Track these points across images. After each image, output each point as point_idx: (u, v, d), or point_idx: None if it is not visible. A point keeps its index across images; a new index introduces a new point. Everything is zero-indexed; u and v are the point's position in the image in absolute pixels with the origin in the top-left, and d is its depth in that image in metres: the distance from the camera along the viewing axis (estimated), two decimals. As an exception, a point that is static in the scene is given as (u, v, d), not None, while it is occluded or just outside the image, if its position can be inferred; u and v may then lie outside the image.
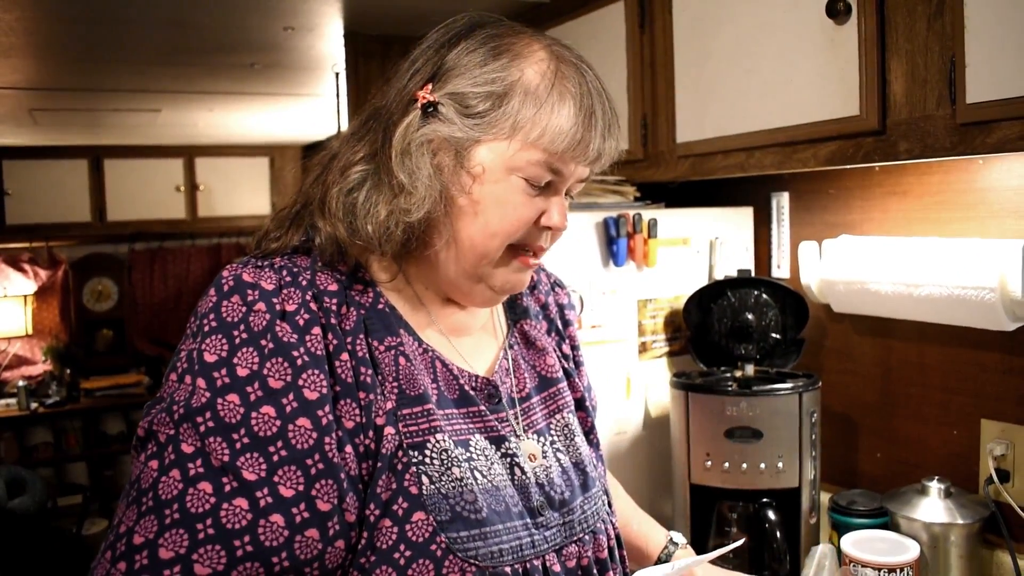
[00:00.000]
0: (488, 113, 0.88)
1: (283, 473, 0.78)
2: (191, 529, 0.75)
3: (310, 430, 0.80)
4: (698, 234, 1.88)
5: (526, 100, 0.88)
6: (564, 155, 0.89)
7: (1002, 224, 1.51)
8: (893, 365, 1.74)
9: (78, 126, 4.42)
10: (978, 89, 1.19)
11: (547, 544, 0.91)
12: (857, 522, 1.55)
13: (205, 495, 0.76)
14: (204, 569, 0.74)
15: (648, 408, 1.85)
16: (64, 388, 5.11)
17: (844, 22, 1.36)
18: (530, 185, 0.90)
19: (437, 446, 0.86)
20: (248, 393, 0.80)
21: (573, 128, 0.88)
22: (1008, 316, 1.42)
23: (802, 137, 1.48)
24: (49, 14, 2.27)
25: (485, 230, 0.90)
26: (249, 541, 0.76)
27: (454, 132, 0.88)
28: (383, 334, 0.90)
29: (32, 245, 5.32)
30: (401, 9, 2.25)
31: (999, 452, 1.50)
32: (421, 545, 0.82)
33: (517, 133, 0.88)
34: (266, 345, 0.82)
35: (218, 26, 2.45)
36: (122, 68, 3.04)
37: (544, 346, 1.07)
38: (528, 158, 0.88)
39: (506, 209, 0.90)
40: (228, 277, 0.86)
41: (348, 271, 0.92)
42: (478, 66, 0.89)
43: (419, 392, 0.88)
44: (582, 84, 0.89)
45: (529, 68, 0.89)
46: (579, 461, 1.01)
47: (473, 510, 0.85)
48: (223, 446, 0.78)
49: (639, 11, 1.84)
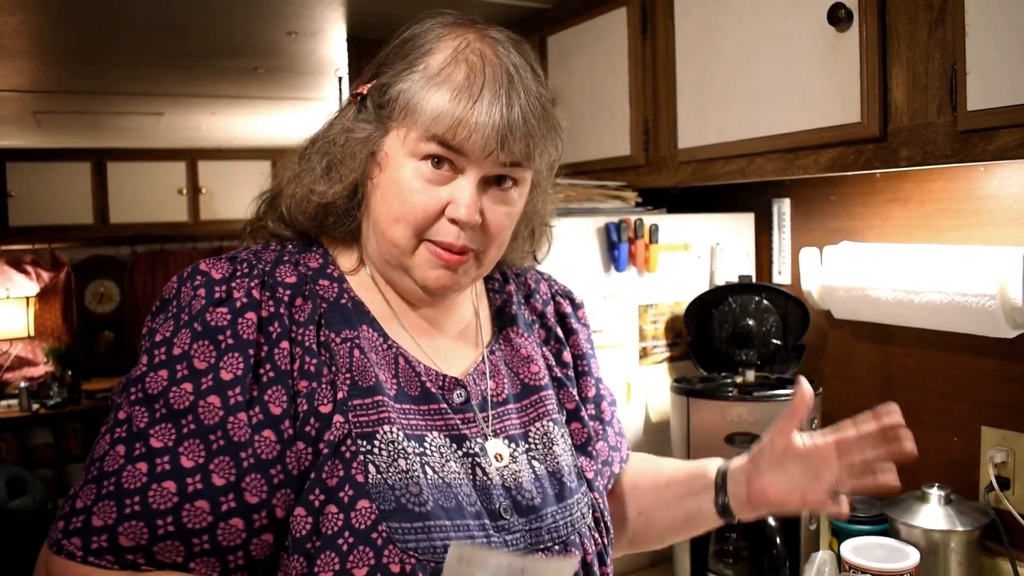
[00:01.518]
0: (390, 102, 0.92)
1: (188, 445, 0.83)
2: (99, 485, 0.82)
3: (218, 408, 0.84)
4: (699, 240, 1.89)
5: (416, 83, 0.90)
6: (444, 138, 0.88)
7: (1003, 231, 1.52)
8: (893, 371, 1.74)
9: (81, 129, 4.43)
10: (979, 96, 1.19)
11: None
12: (857, 529, 1.55)
13: (118, 456, 0.83)
14: (98, 521, 0.80)
15: (649, 413, 1.85)
16: (65, 389, 5.12)
17: (845, 29, 1.37)
18: (431, 170, 0.91)
19: (386, 437, 0.88)
20: (176, 370, 0.85)
21: (449, 110, 0.87)
22: (1008, 323, 1.42)
23: (803, 143, 1.48)
24: (53, 17, 2.27)
25: (388, 215, 0.93)
26: (139, 502, 0.81)
27: (371, 126, 0.94)
28: (340, 327, 0.93)
29: (35, 247, 5.33)
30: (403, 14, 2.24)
31: (999, 459, 1.50)
32: (363, 532, 0.83)
33: (405, 116, 0.91)
34: (197, 328, 0.87)
35: (221, 30, 2.46)
36: (125, 71, 3.05)
37: (529, 354, 1.06)
38: (418, 140, 0.90)
39: (404, 194, 0.91)
40: (189, 267, 0.92)
41: (317, 267, 0.97)
42: (402, 59, 0.93)
43: (370, 384, 0.90)
44: (478, 71, 0.89)
45: (435, 56, 0.91)
46: (556, 470, 1.00)
47: (418, 503, 0.86)
48: (143, 414, 0.84)
49: (641, 17, 1.85)
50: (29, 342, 5.35)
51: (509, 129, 0.89)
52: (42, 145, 4.99)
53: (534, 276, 1.18)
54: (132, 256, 5.64)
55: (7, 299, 5.25)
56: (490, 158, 0.90)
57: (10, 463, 4.69)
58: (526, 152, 0.91)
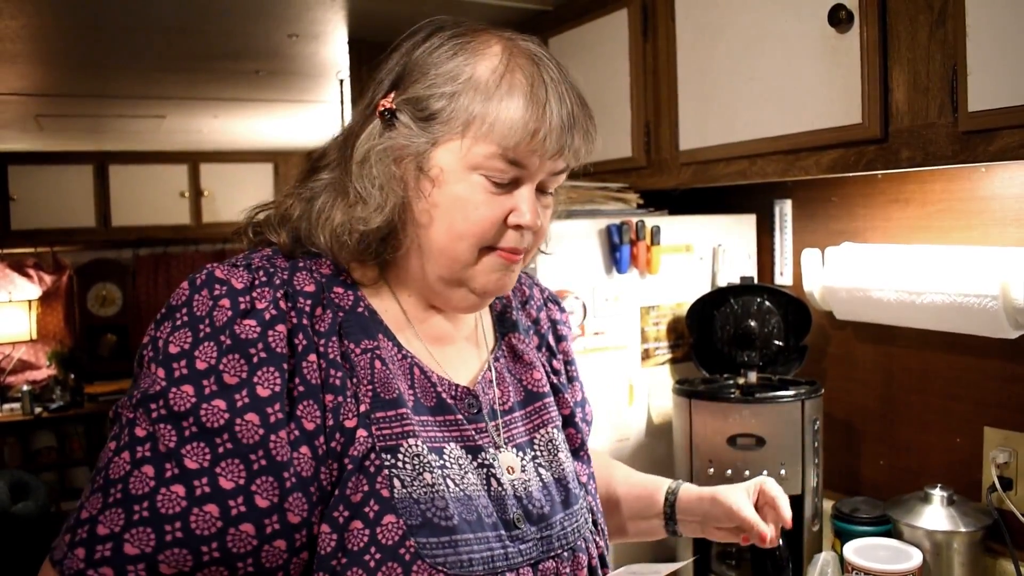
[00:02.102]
0: (440, 113, 0.88)
1: (226, 465, 0.79)
2: (128, 509, 0.77)
3: (257, 426, 0.80)
4: (701, 241, 1.89)
5: (475, 95, 0.87)
6: (519, 148, 0.87)
7: (1004, 232, 1.52)
8: (896, 372, 1.74)
9: (83, 132, 4.44)
10: (980, 97, 1.19)
11: (522, 557, 0.90)
12: (860, 529, 1.55)
13: (146, 478, 0.78)
14: (133, 549, 0.75)
15: (651, 415, 1.85)
16: (68, 393, 5.13)
17: (846, 31, 1.37)
18: (492, 182, 0.89)
19: (410, 450, 0.86)
20: (204, 386, 0.81)
21: (524, 119, 0.86)
22: (1010, 324, 1.42)
23: (804, 145, 1.48)
24: (55, 21, 2.28)
25: (451, 232, 0.90)
26: (180, 527, 0.76)
27: (411, 137, 0.89)
28: (359, 337, 0.90)
29: (37, 250, 5.34)
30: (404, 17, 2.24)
31: (1002, 460, 1.50)
32: (391, 548, 0.82)
33: (469, 129, 0.87)
34: (224, 341, 0.82)
35: (223, 33, 2.46)
36: (127, 74, 3.06)
37: (531, 360, 1.06)
38: (484, 153, 0.87)
39: (468, 209, 0.89)
40: (202, 273, 0.87)
41: (330, 273, 0.93)
42: (434, 67, 0.89)
43: (393, 396, 0.88)
44: (535, 75, 0.88)
45: (481, 64, 0.88)
46: (562, 477, 1.00)
47: (444, 517, 0.85)
48: (171, 433, 0.79)
49: (642, 19, 1.85)
50: (31, 345, 5.36)
51: (571, 132, 0.89)
52: (44, 148, 4.99)
53: (527, 281, 1.17)
54: (134, 259, 5.65)
55: (9, 302, 5.26)
56: (550, 162, 0.90)
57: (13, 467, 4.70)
58: (584, 151, 0.92)
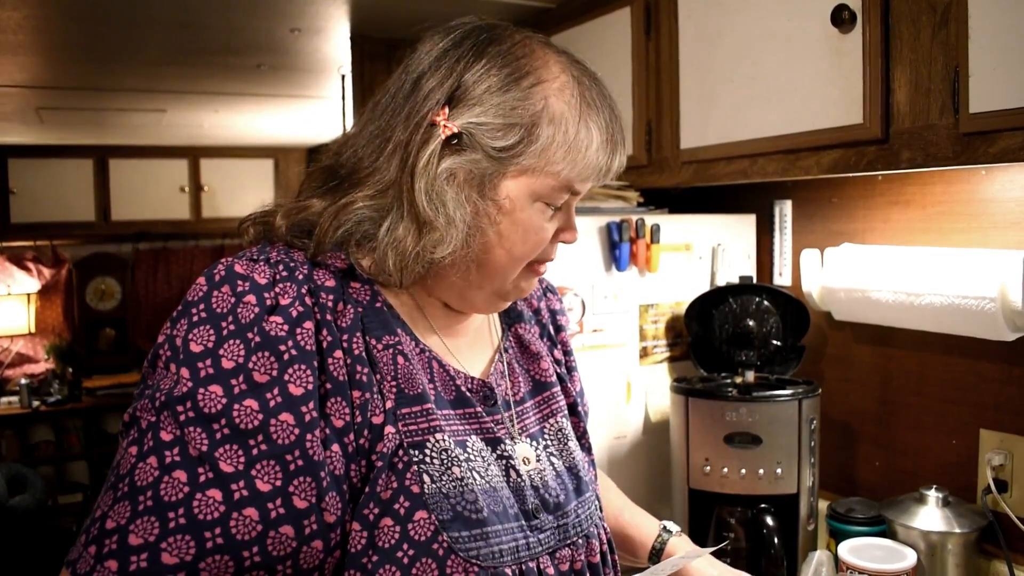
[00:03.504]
0: (516, 146, 0.87)
1: (261, 467, 0.77)
2: (162, 517, 0.74)
3: (292, 426, 0.79)
4: (700, 240, 1.89)
5: (555, 133, 0.87)
6: (584, 182, 0.92)
7: (1004, 234, 1.52)
8: (893, 373, 1.74)
9: (84, 125, 4.44)
10: (981, 99, 1.19)
11: (541, 547, 0.92)
12: (855, 529, 1.55)
13: (179, 484, 0.75)
14: (171, 558, 0.73)
15: (648, 413, 1.85)
16: (66, 387, 5.12)
17: (849, 31, 1.37)
18: (550, 207, 0.92)
19: (437, 445, 0.86)
20: (232, 386, 0.78)
21: (599, 158, 0.90)
22: (1008, 326, 1.43)
23: (805, 145, 1.48)
24: (57, 13, 2.28)
25: (510, 255, 0.91)
26: (220, 533, 0.75)
27: (480, 165, 0.87)
28: (381, 332, 0.89)
29: (36, 244, 5.33)
30: (407, 12, 2.26)
31: (997, 462, 1.51)
32: (423, 544, 0.82)
33: (547, 165, 0.88)
34: (252, 338, 0.80)
35: (225, 27, 2.46)
36: (128, 68, 3.06)
37: (538, 350, 1.07)
38: (552, 185, 0.89)
39: (530, 236, 0.91)
40: (220, 268, 0.84)
41: (346, 268, 0.91)
42: (499, 92, 0.87)
43: (418, 391, 0.87)
44: (603, 109, 0.91)
45: (552, 96, 0.88)
46: (573, 465, 1.01)
47: (474, 510, 0.85)
48: (202, 436, 0.77)
49: (645, 18, 1.85)
50: (30, 339, 5.36)
51: (621, 156, 0.94)
52: (44, 142, 5.00)
53: None
54: (134, 253, 5.64)
55: (8, 296, 5.25)
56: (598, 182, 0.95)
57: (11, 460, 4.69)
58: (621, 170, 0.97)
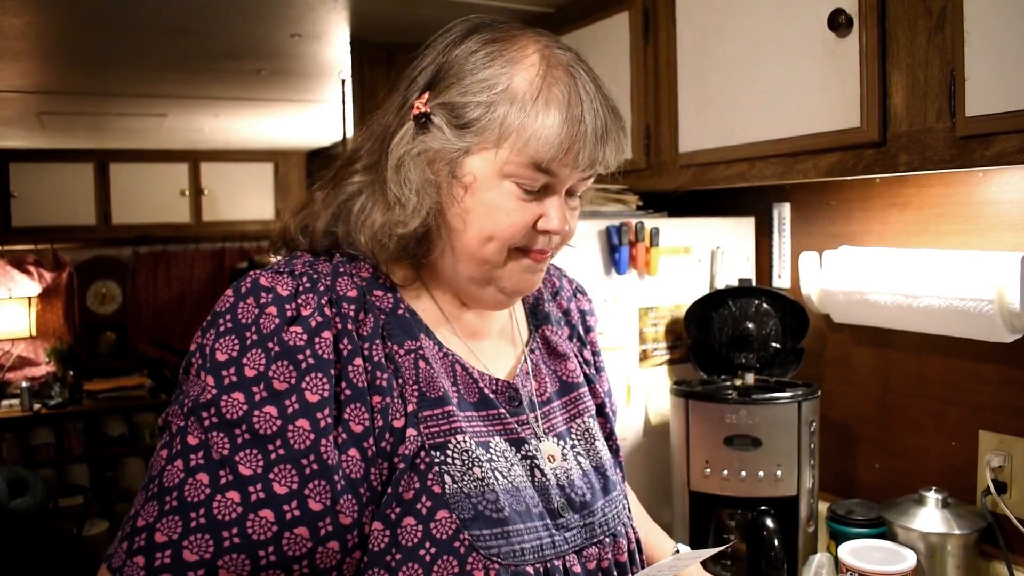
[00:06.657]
0: (476, 122, 0.89)
1: (279, 471, 0.81)
2: (185, 517, 0.78)
3: (308, 431, 0.82)
4: (700, 243, 1.90)
5: (512, 107, 0.88)
6: (552, 162, 0.89)
7: (1001, 236, 1.52)
8: (892, 375, 1.74)
9: (84, 130, 4.44)
10: (978, 102, 1.20)
11: (567, 545, 0.93)
12: (855, 531, 1.55)
13: (202, 485, 0.80)
14: (192, 556, 0.77)
15: (648, 415, 1.86)
16: (67, 390, 5.12)
17: (846, 35, 1.38)
18: (523, 190, 0.91)
19: (458, 446, 0.88)
20: (254, 393, 0.82)
21: (559, 136, 0.88)
22: (1006, 328, 1.43)
23: (803, 148, 1.49)
24: (58, 19, 2.29)
25: (480, 236, 0.91)
26: (237, 533, 0.78)
27: (445, 144, 0.90)
28: (402, 338, 0.92)
29: (37, 247, 5.33)
30: (406, 17, 2.26)
31: (996, 464, 1.51)
32: (445, 542, 0.84)
33: (504, 141, 0.88)
34: (273, 348, 0.84)
35: (225, 33, 2.47)
36: (129, 73, 3.06)
37: (565, 351, 1.08)
38: (517, 163, 0.89)
39: (499, 215, 0.90)
40: (247, 280, 0.89)
41: (369, 276, 0.95)
42: (470, 74, 0.90)
43: (439, 394, 0.90)
44: (571, 89, 0.89)
45: (518, 75, 0.89)
46: (600, 465, 1.03)
47: (495, 509, 0.87)
48: (224, 440, 0.81)
49: (643, 22, 1.86)
50: (31, 342, 5.36)
51: (602, 146, 0.91)
52: (45, 146, 5.00)
53: (556, 272, 1.20)
54: (134, 257, 5.64)
55: (9, 299, 5.25)
56: (581, 172, 0.92)
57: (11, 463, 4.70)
58: (615, 160, 0.94)
